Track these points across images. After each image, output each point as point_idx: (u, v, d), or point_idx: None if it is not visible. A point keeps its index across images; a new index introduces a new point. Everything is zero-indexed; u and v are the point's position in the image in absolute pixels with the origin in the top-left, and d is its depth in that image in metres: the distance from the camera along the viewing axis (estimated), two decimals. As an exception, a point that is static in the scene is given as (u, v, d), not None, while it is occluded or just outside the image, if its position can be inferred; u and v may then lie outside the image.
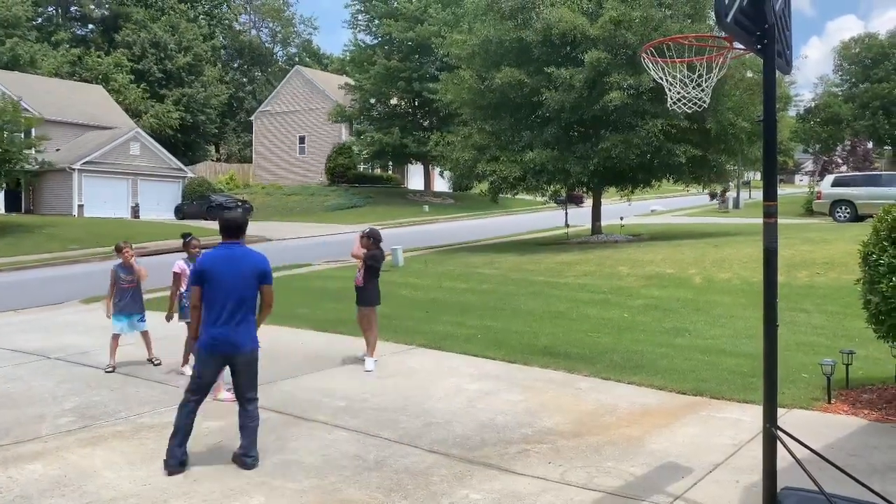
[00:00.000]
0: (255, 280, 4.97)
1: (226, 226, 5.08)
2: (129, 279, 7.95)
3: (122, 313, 7.92)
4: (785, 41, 4.07)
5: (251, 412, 5.04)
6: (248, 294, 4.96)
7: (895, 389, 6.35)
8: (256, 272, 4.97)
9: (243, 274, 4.93)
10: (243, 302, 4.93)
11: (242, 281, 4.92)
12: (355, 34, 46.48)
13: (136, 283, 8.02)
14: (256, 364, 5.08)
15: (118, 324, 7.92)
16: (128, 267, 7.98)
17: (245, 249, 5.05)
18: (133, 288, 7.99)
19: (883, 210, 5.94)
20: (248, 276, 4.94)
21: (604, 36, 17.77)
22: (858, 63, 49.36)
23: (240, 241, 5.09)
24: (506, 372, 7.51)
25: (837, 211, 23.76)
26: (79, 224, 30.75)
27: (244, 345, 4.96)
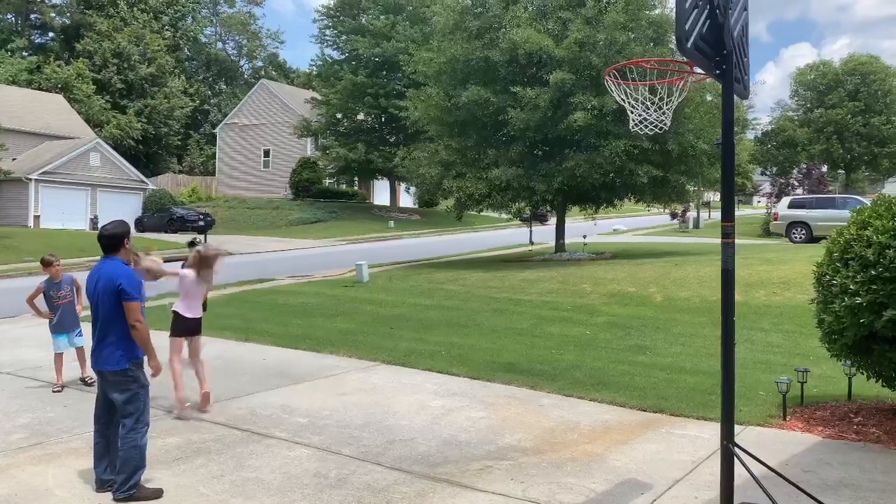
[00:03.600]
0: (109, 297, 4.64)
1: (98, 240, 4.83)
2: (60, 295, 7.73)
3: (61, 331, 7.69)
4: (743, 67, 4.20)
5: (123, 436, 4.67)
6: (105, 312, 4.67)
7: (848, 407, 6.52)
8: (110, 288, 4.63)
9: (99, 290, 4.67)
10: (100, 320, 4.70)
11: (99, 298, 4.68)
12: (322, 49, 46.54)
13: (70, 297, 7.83)
14: (129, 387, 4.68)
15: (59, 341, 7.68)
16: (57, 282, 7.75)
17: (108, 265, 4.73)
18: (68, 303, 7.79)
19: (836, 232, 6.13)
20: (101, 292, 4.66)
21: (569, 57, 18.06)
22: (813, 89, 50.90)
23: (113, 255, 4.77)
24: (469, 388, 7.52)
25: (793, 232, 24.39)
26: (35, 235, 29.99)
27: (104, 365, 4.69)
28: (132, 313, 4.62)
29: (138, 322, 4.64)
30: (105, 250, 4.81)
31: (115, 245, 4.80)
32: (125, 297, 4.61)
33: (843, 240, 5.87)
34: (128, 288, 4.63)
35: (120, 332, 4.67)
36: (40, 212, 36.02)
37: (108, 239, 4.79)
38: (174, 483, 4.90)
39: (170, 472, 5.10)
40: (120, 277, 4.66)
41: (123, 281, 4.65)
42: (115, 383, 4.71)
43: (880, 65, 49.54)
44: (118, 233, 4.83)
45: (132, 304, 4.62)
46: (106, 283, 4.66)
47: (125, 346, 4.68)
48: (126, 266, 4.80)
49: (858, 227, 5.77)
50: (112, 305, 4.66)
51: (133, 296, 4.63)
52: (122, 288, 4.62)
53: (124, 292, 4.61)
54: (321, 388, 7.61)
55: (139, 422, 4.72)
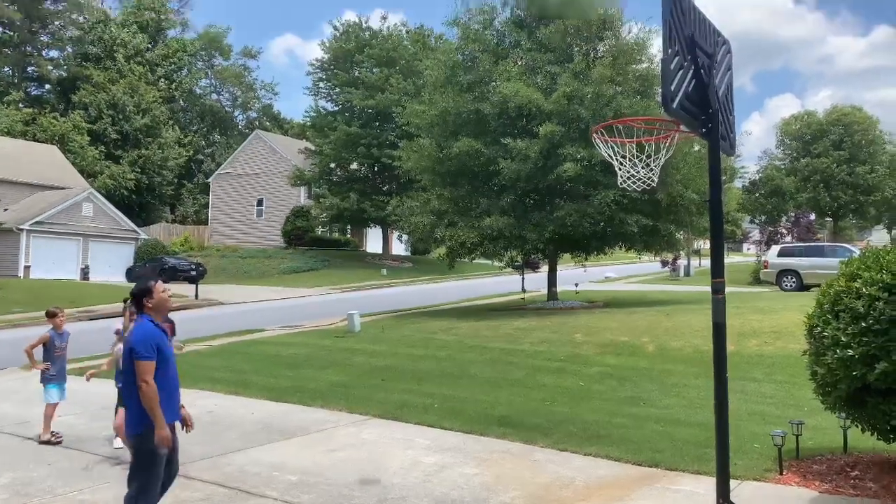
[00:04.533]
0: (125, 356, 4.48)
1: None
2: (62, 346, 7.79)
3: (56, 382, 7.69)
4: (728, 125, 4.29)
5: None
6: (125, 372, 4.51)
7: (844, 461, 6.45)
8: (126, 347, 4.48)
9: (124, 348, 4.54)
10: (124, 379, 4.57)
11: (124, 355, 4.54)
12: (316, 101, 47.20)
13: (65, 352, 7.87)
14: (139, 454, 4.42)
15: (54, 391, 7.66)
16: (61, 333, 7.80)
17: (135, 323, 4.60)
18: (64, 355, 7.85)
19: (826, 284, 6.16)
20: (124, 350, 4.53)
21: (558, 110, 18.38)
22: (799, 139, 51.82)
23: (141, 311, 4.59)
24: (462, 443, 7.41)
25: (784, 280, 24.50)
26: (24, 286, 29.78)
27: (125, 427, 4.50)
28: (140, 372, 4.36)
29: (144, 383, 4.34)
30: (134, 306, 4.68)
31: (136, 303, 4.61)
32: (134, 356, 4.39)
33: (833, 291, 5.89)
34: (136, 346, 4.39)
35: (135, 394, 4.43)
36: (31, 262, 35.87)
37: (132, 296, 4.65)
38: (159, 546, 4.77)
39: (155, 534, 4.97)
40: (132, 335, 4.50)
41: (134, 339, 4.46)
42: (131, 447, 4.49)
43: (862, 115, 50.60)
44: (134, 291, 4.65)
45: (140, 363, 4.37)
46: (126, 342, 4.56)
47: (141, 409, 4.39)
48: (147, 324, 4.52)
49: (848, 279, 5.80)
50: (127, 364, 4.48)
51: (141, 354, 4.36)
52: (132, 346, 4.42)
53: (133, 350, 4.40)
54: (312, 443, 7.49)
55: (142, 493, 4.39)
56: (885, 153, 50.84)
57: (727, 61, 4.22)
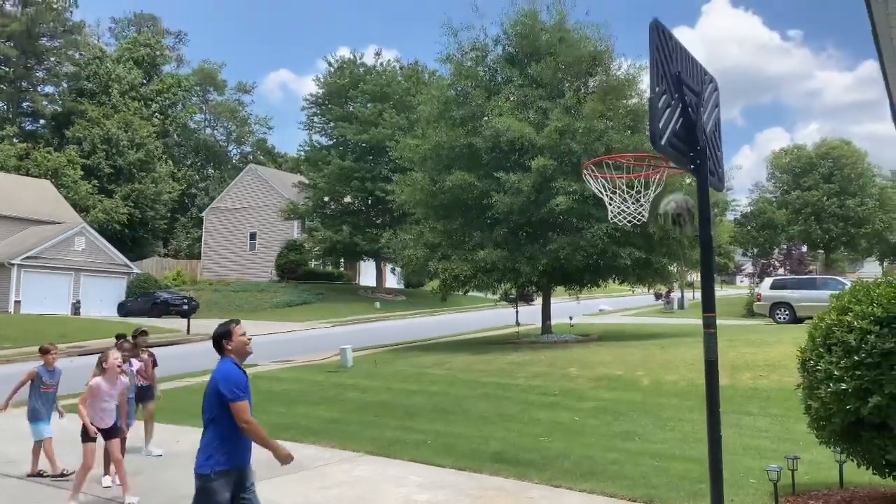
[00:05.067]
0: (208, 397, 4.45)
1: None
2: (52, 383, 7.70)
3: (43, 419, 7.59)
4: (716, 160, 4.34)
5: None
6: (206, 411, 4.47)
7: (840, 496, 6.40)
8: (211, 389, 4.44)
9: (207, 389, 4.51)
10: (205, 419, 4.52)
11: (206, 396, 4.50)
12: (310, 135, 47.55)
13: (55, 389, 7.80)
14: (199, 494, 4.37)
15: (44, 427, 7.55)
16: (51, 370, 7.72)
17: (218, 365, 4.56)
18: (52, 393, 7.74)
19: (818, 317, 6.17)
20: (207, 393, 4.50)
21: (550, 144, 18.57)
22: (789, 172, 52.40)
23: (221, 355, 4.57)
24: (455, 480, 7.33)
25: (777, 313, 24.55)
26: (14, 321, 29.54)
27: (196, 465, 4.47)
28: (238, 414, 4.31)
29: (245, 423, 4.32)
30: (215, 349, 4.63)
31: (216, 345, 4.59)
32: (226, 399, 4.32)
33: (825, 325, 5.90)
34: (225, 390, 4.33)
35: (210, 434, 4.39)
36: (21, 297, 35.66)
37: (213, 338, 4.63)
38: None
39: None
40: (218, 375, 4.43)
41: (221, 382, 4.39)
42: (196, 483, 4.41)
43: (851, 149, 51.28)
44: (215, 333, 4.62)
45: (235, 405, 4.31)
46: (211, 383, 4.46)
47: (211, 450, 4.36)
48: (231, 366, 4.48)
49: (839, 313, 5.82)
50: (209, 405, 4.42)
51: (235, 396, 4.32)
52: (220, 390, 4.35)
53: (223, 395, 4.33)
54: (304, 480, 7.39)
55: None
56: (875, 186, 51.43)
57: (714, 98, 4.29)
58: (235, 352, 4.52)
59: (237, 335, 4.54)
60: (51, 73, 63.50)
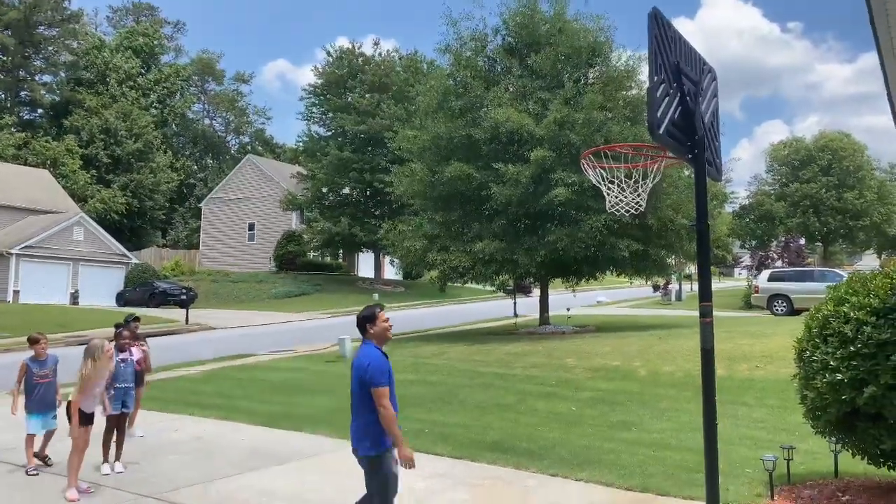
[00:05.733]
0: (356, 381, 4.65)
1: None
2: (42, 374, 7.58)
3: (37, 412, 7.49)
4: (714, 150, 4.35)
5: None
6: (353, 396, 4.69)
7: (835, 485, 6.44)
8: (358, 375, 4.64)
9: (352, 374, 4.71)
10: (352, 403, 4.72)
11: (351, 381, 4.72)
12: (309, 126, 47.42)
13: (51, 378, 7.66)
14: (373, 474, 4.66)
15: (34, 422, 7.47)
16: (41, 360, 7.64)
17: (361, 349, 4.75)
18: (47, 383, 7.61)
19: (814, 308, 6.20)
20: (353, 375, 4.70)
21: (548, 135, 18.54)
22: (788, 164, 52.38)
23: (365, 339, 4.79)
24: (453, 469, 7.37)
25: (774, 305, 24.61)
26: (12, 310, 29.54)
27: (354, 445, 4.71)
28: (378, 399, 4.52)
29: (383, 408, 4.52)
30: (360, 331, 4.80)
31: (360, 328, 4.79)
32: (371, 384, 4.52)
33: (822, 316, 5.93)
34: (372, 374, 4.53)
35: (365, 417, 4.60)
36: (20, 286, 35.64)
37: (357, 321, 4.80)
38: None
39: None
40: (362, 362, 4.61)
41: (367, 366, 4.57)
42: (365, 467, 4.68)
43: (850, 141, 51.26)
44: (360, 316, 4.80)
45: (377, 390, 4.51)
46: (355, 368, 4.64)
47: (372, 432, 4.59)
48: (375, 351, 4.68)
49: (836, 304, 5.85)
50: (358, 389, 4.62)
51: (378, 381, 4.52)
52: (366, 374, 4.55)
53: (369, 378, 4.53)
54: (302, 469, 7.42)
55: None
56: (874, 179, 51.44)
57: (713, 88, 4.29)
58: (377, 335, 4.74)
59: (381, 320, 4.75)
60: (49, 62, 63.27)
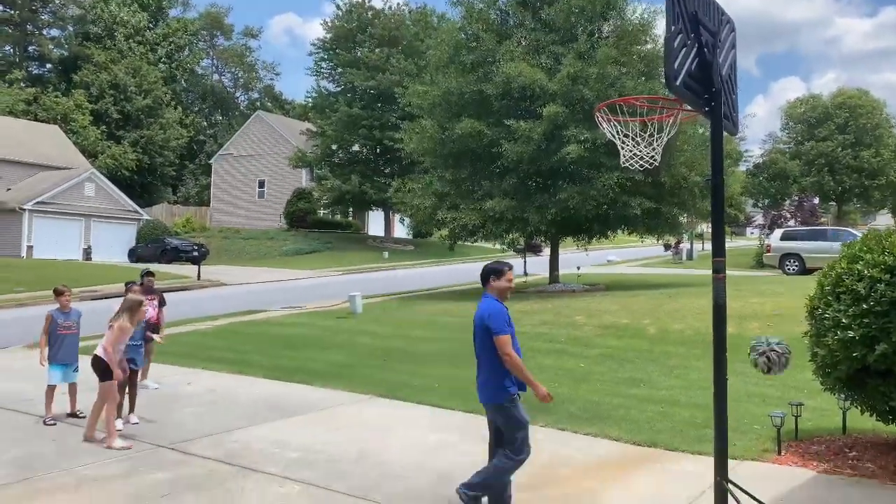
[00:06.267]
0: (479, 332, 4.80)
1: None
2: (66, 325, 7.72)
3: (59, 363, 7.62)
4: (731, 104, 4.26)
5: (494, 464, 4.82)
6: (478, 347, 4.86)
7: (843, 441, 6.49)
8: (480, 325, 4.79)
9: (475, 326, 4.86)
10: (477, 355, 4.89)
11: (475, 333, 4.87)
12: (318, 81, 46.95)
13: (75, 330, 7.79)
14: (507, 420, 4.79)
15: (55, 373, 7.59)
16: (66, 312, 7.77)
17: (482, 301, 4.89)
18: (71, 335, 7.74)
19: (828, 266, 6.16)
20: (475, 327, 4.85)
21: (561, 91, 18.28)
22: (804, 122, 51.56)
23: (486, 292, 4.93)
24: (464, 423, 7.46)
25: (787, 264, 24.49)
26: (27, 266, 29.86)
27: (483, 398, 4.87)
28: (501, 347, 4.66)
29: (508, 356, 4.67)
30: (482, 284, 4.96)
31: (484, 278, 4.94)
32: (493, 332, 4.67)
33: (835, 273, 5.89)
34: (493, 323, 4.68)
35: (489, 367, 4.76)
36: (33, 242, 35.92)
37: (483, 272, 4.96)
38: (163, 520, 4.83)
39: (158, 509, 5.03)
40: (484, 313, 4.75)
41: (487, 316, 4.73)
42: (497, 416, 4.83)
43: (868, 99, 50.30)
44: (488, 268, 4.96)
45: (499, 338, 4.67)
46: (477, 319, 4.81)
47: (495, 381, 4.75)
48: (495, 302, 4.83)
49: (849, 261, 5.80)
50: (481, 340, 4.78)
51: (499, 329, 4.67)
52: (488, 324, 4.70)
53: (491, 327, 4.68)
54: (314, 422, 7.54)
55: (514, 452, 4.75)
56: (891, 137, 50.60)
57: (731, 40, 4.19)
58: (497, 290, 4.89)
59: (506, 278, 4.92)
60: (56, 15, 62.64)
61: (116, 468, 5.96)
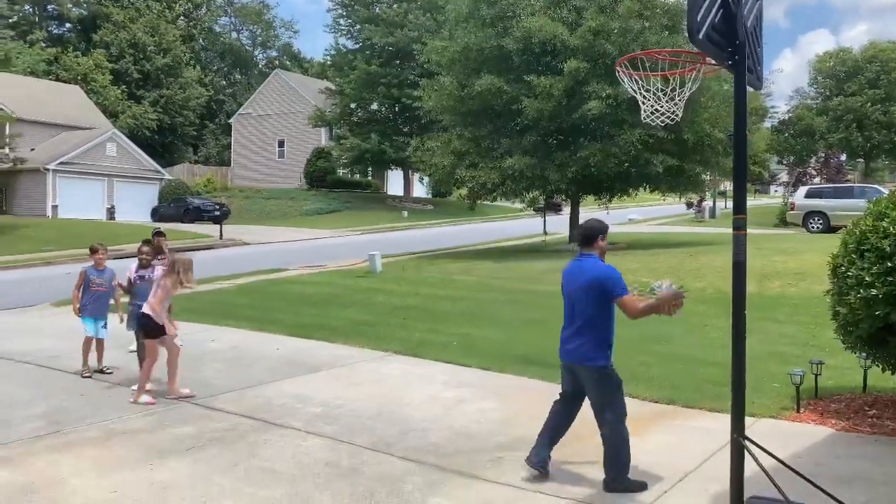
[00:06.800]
0: (589, 295, 4.63)
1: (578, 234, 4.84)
2: (99, 282, 7.84)
3: (90, 316, 7.78)
4: (756, 57, 4.15)
5: (605, 436, 4.70)
6: (581, 308, 4.68)
7: (863, 399, 6.46)
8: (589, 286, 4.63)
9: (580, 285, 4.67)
10: (576, 316, 4.73)
11: (576, 293, 4.70)
12: (336, 38, 46.54)
13: (107, 288, 7.90)
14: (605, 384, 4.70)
15: (89, 325, 7.74)
16: (100, 270, 7.89)
17: (588, 261, 4.72)
18: (103, 292, 7.87)
19: (852, 223, 6.06)
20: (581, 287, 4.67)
21: (583, 46, 17.94)
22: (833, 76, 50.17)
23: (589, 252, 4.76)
24: (481, 380, 7.53)
25: (810, 222, 24.15)
26: (53, 225, 30.33)
27: (572, 356, 4.75)
28: (631, 306, 4.56)
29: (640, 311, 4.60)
30: (581, 244, 4.81)
31: (589, 238, 4.78)
32: (617, 294, 4.55)
33: (859, 231, 5.80)
34: (616, 286, 4.56)
35: (591, 328, 4.65)
36: (58, 202, 36.40)
37: (584, 232, 4.81)
38: (188, 473, 4.96)
39: (184, 462, 5.16)
40: (602, 275, 4.61)
41: (606, 279, 4.59)
42: (590, 379, 4.73)
43: (901, 52, 48.70)
44: (592, 227, 4.83)
45: (625, 298, 4.56)
46: (584, 280, 4.64)
47: (596, 343, 4.66)
48: (606, 263, 4.74)
49: (875, 218, 5.70)
50: (588, 301, 4.62)
51: (622, 291, 4.56)
52: (609, 286, 4.56)
53: (614, 291, 4.55)
54: (335, 378, 7.65)
55: (619, 413, 4.70)
56: (924, 91, 49.09)
57: (758, -10, 4.06)
58: (601, 249, 4.79)
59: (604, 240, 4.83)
60: (74, -27, 62.27)
61: (143, 422, 6.12)
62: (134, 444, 5.54)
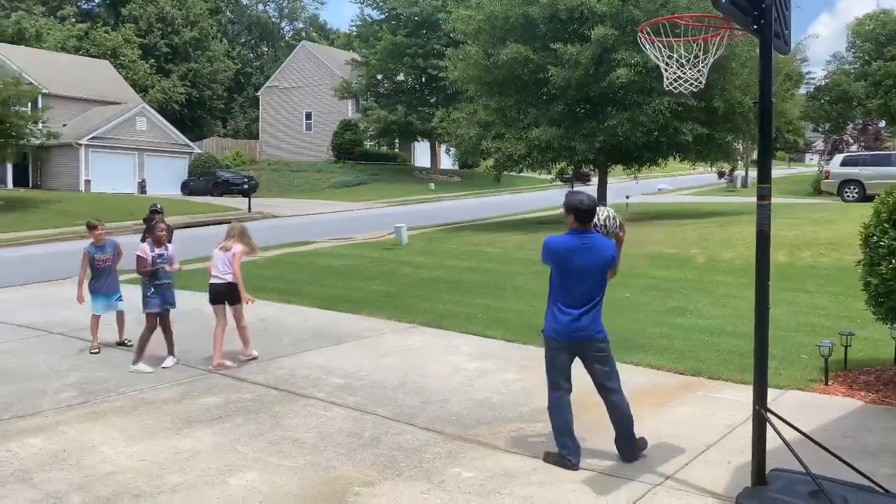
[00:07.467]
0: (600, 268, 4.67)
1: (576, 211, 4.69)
2: (103, 258, 7.90)
3: (99, 294, 7.87)
4: (784, 21, 4.01)
5: (615, 403, 4.75)
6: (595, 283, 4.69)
7: (893, 371, 6.34)
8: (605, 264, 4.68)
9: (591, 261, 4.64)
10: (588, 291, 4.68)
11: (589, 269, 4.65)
12: (362, 9, 46.20)
13: (112, 262, 7.99)
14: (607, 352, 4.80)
15: (98, 304, 7.86)
16: (101, 246, 7.94)
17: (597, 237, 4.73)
18: (108, 267, 7.94)
19: (885, 192, 5.89)
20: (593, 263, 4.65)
21: (611, 12, 17.56)
22: (872, 40, 48.47)
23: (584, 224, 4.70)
24: (504, 351, 7.54)
25: (846, 191, 23.59)
26: (86, 199, 30.85)
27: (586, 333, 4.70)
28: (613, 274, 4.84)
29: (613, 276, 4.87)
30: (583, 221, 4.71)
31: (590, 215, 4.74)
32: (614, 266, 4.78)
33: (892, 200, 5.65)
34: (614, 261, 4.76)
35: (599, 303, 4.76)
36: (90, 176, 36.97)
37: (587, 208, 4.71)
38: (213, 441, 5.06)
39: (209, 431, 5.26)
40: (613, 254, 4.75)
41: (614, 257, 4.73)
42: (601, 351, 4.77)
43: (946, 13, 46.87)
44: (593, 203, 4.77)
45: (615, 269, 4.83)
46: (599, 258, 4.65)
47: (599, 317, 4.79)
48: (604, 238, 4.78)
49: (909, 187, 5.54)
50: (604, 279, 4.73)
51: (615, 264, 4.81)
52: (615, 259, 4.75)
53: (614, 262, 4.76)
54: (359, 349, 7.72)
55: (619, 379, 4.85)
56: (968, 55, 47.28)
57: (786, -50, 3.91)
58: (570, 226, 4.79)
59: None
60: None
61: (170, 392, 6.24)
62: (161, 414, 5.66)
